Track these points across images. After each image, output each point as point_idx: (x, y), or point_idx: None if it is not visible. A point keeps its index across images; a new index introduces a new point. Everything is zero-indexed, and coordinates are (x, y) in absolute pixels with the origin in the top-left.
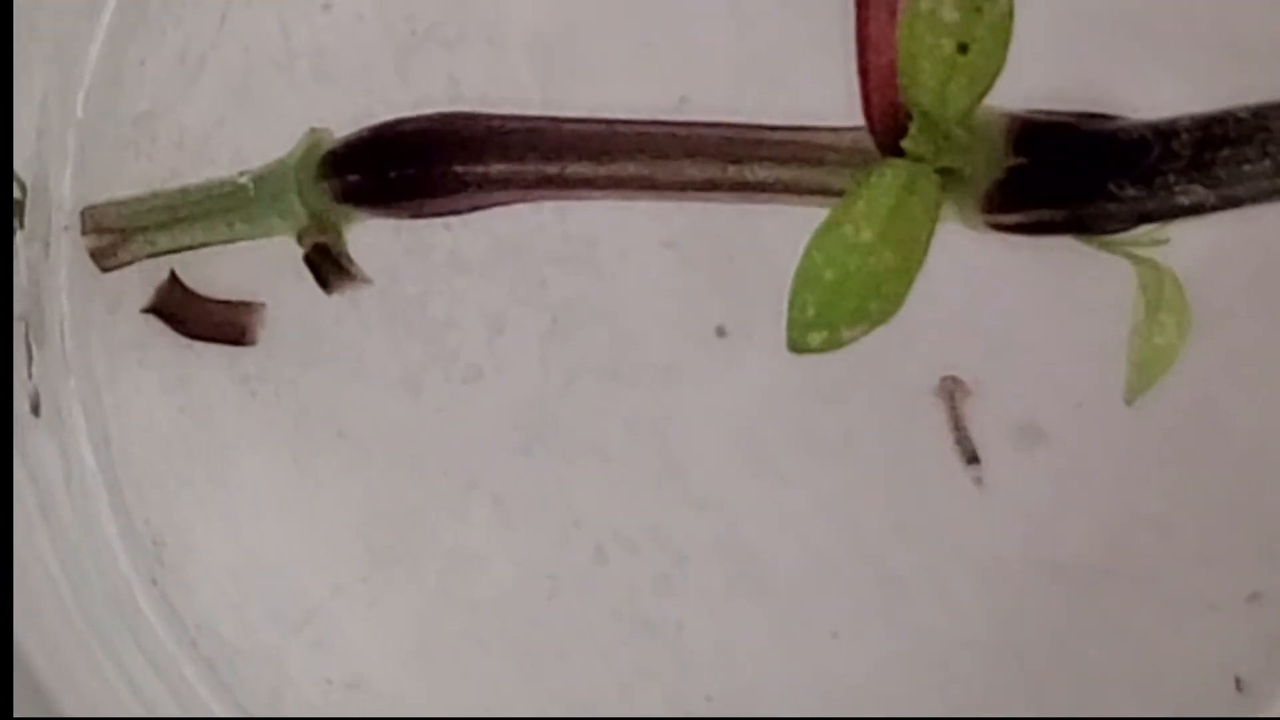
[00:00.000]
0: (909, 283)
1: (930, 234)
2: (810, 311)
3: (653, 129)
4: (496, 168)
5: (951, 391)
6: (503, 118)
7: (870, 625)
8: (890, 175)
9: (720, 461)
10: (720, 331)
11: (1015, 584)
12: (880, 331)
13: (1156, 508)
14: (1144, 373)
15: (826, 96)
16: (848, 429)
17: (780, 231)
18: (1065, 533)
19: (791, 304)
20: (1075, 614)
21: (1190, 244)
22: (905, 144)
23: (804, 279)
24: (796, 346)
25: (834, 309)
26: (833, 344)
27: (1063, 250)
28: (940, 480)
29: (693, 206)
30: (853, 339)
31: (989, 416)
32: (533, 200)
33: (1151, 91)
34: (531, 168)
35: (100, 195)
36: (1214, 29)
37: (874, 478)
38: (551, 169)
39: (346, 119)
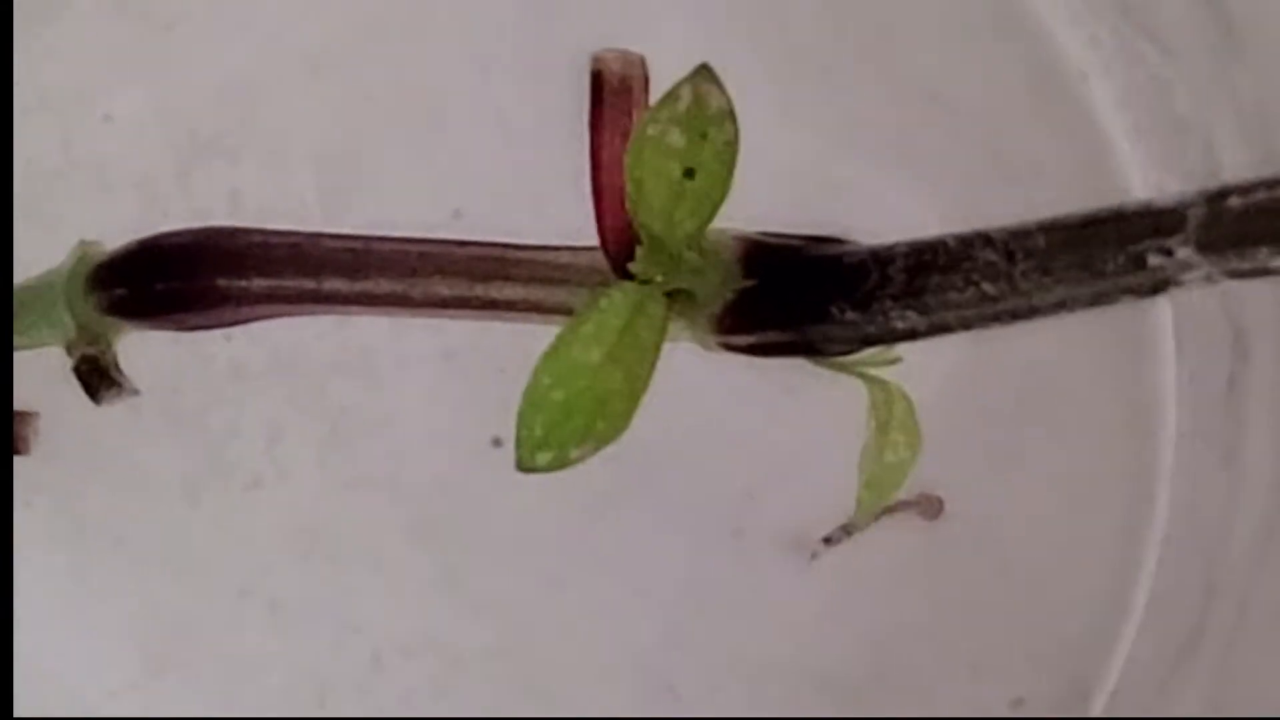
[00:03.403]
0: (635, 404)
1: (656, 356)
2: (538, 431)
3: (406, 247)
4: (258, 282)
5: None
6: (264, 233)
7: None
8: (619, 297)
9: (497, 569)
10: (497, 442)
11: (786, 692)
12: (645, 446)
13: (923, 618)
14: (874, 490)
15: (577, 215)
16: (622, 539)
17: None
18: (835, 641)
19: (520, 424)
20: None
21: (922, 362)
22: (633, 267)
23: (532, 399)
24: (524, 466)
25: (561, 429)
26: (560, 463)
27: (803, 370)
28: (714, 590)
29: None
30: (580, 458)
31: (760, 529)
32: (295, 315)
33: (900, 210)
34: (291, 283)
35: None
36: (964, 147)
37: (647, 586)
38: (309, 284)
39: (127, 230)
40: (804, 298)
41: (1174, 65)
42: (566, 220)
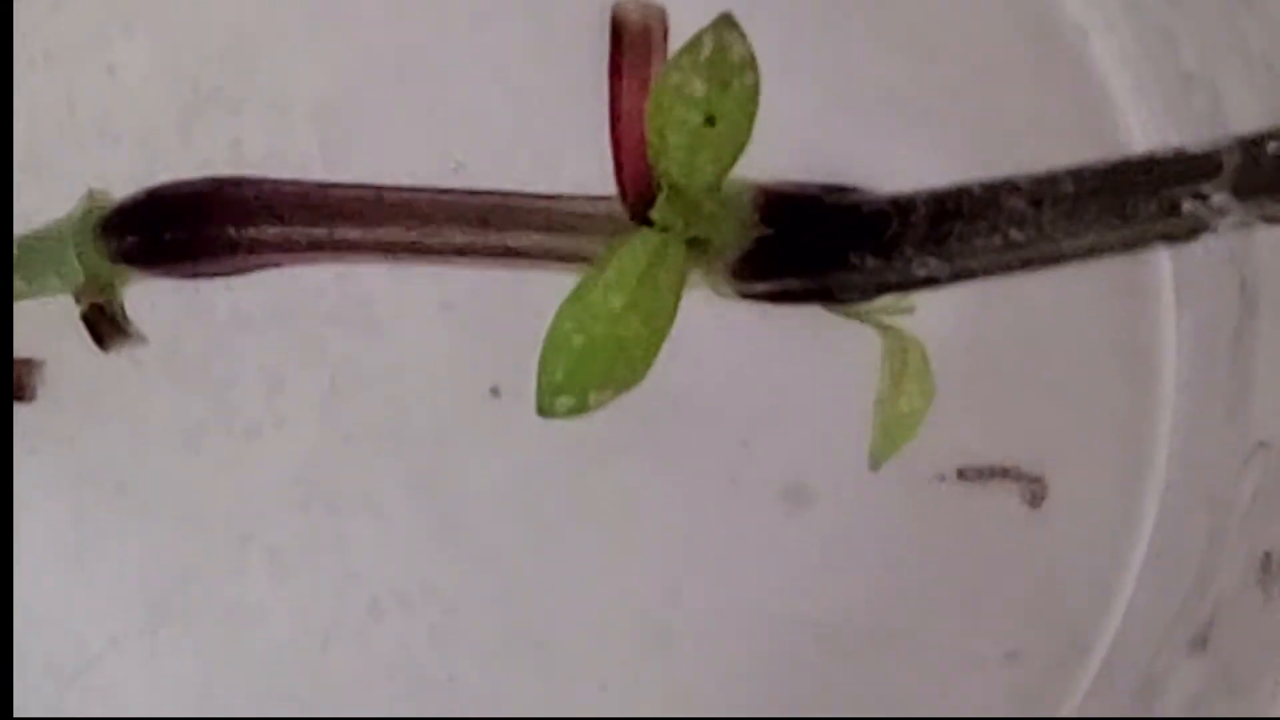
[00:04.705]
0: (655, 350)
1: (676, 303)
2: (559, 376)
3: (418, 195)
4: (268, 231)
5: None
6: (274, 182)
7: (639, 680)
8: (639, 244)
9: (494, 518)
10: (495, 391)
11: (782, 642)
12: (649, 394)
13: (919, 570)
14: (888, 439)
15: (589, 165)
16: (618, 489)
17: (551, 295)
18: (831, 591)
19: (541, 369)
20: (840, 670)
21: (936, 311)
22: (653, 214)
23: (553, 345)
24: (544, 411)
25: (581, 374)
26: (580, 409)
27: (814, 317)
28: (709, 540)
29: (469, 270)
30: (600, 403)
31: (757, 477)
32: (305, 263)
33: (902, 164)
34: (302, 231)
35: None
36: (963, 103)
37: (644, 537)
38: (321, 233)
39: (130, 180)
40: (823, 245)
41: (1180, 16)
42: (568, 172)
